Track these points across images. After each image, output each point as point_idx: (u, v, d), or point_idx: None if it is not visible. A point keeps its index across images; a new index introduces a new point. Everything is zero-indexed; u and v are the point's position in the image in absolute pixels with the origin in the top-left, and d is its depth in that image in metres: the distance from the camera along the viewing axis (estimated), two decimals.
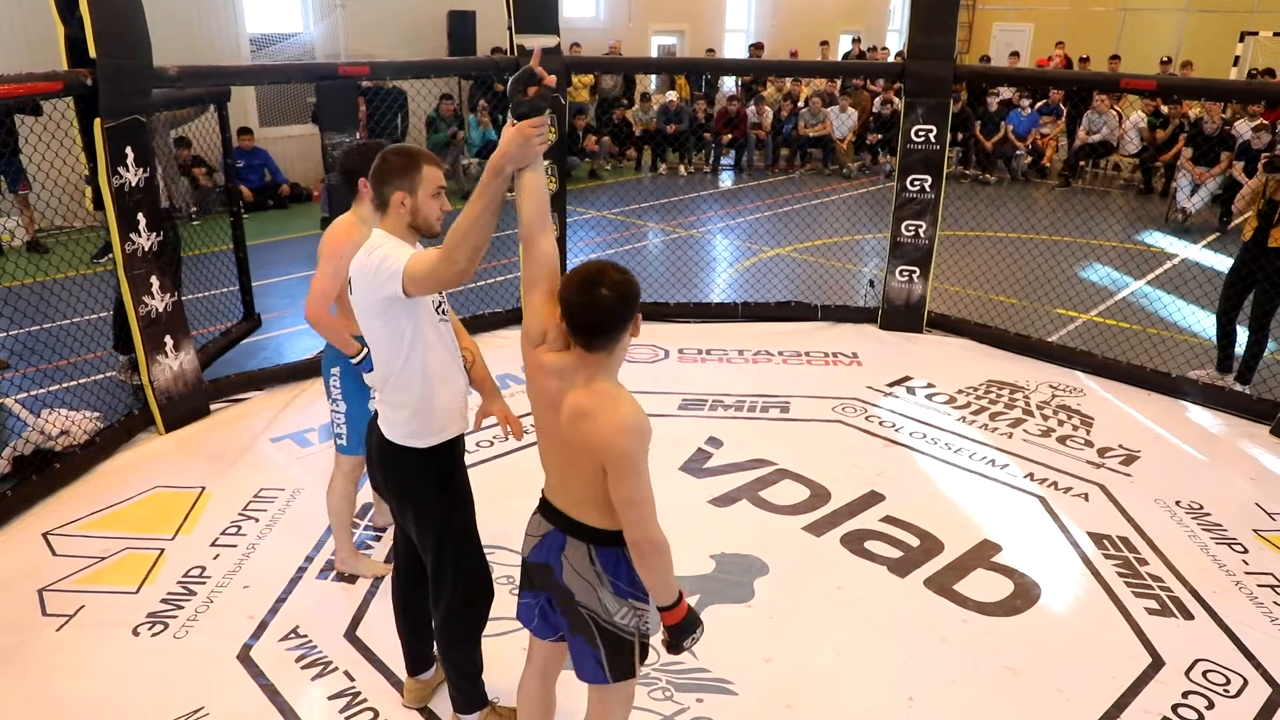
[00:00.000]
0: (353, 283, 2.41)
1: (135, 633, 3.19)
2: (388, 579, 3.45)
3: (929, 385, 5.46)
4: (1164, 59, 14.84)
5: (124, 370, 5.16)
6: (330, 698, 2.92)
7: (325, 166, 5.28)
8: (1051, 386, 5.47)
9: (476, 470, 2.94)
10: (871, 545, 3.81)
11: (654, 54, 15.41)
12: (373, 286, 2.30)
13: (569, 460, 2.05)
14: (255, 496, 4.09)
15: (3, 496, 3.84)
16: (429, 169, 2.39)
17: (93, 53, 4.09)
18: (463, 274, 2.14)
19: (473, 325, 5.84)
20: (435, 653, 2.80)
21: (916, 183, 6.08)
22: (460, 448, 2.58)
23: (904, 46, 6.29)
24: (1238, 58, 15.52)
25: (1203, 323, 6.36)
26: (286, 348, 5.96)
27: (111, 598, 3.38)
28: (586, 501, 2.06)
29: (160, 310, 4.59)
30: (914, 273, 6.22)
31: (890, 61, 14.29)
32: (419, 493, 2.49)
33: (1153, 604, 3.47)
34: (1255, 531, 3.99)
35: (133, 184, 4.37)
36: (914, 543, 3.83)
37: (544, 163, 2.28)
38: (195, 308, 5.13)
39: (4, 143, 6.93)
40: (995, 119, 12.39)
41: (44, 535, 3.75)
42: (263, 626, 3.24)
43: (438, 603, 2.58)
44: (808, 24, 17.29)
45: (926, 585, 3.56)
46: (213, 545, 3.72)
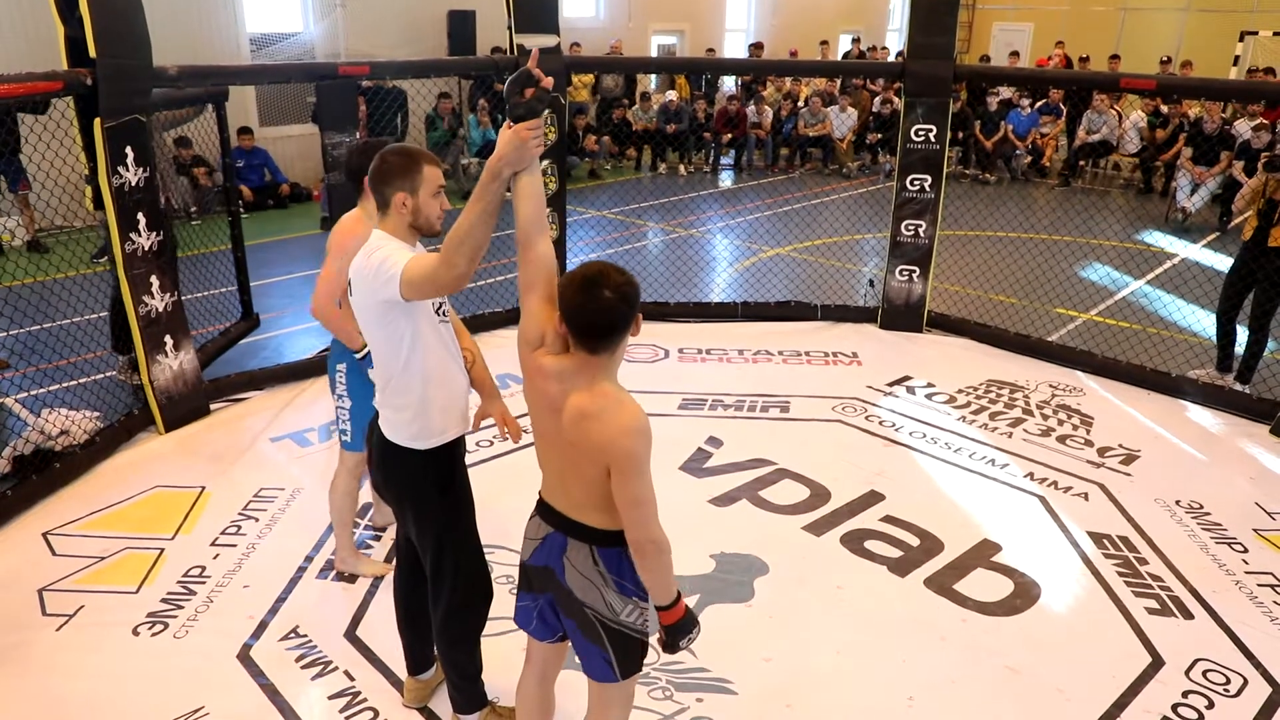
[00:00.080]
0: (352, 284, 2.40)
1: (135, 632, 3.19)
2: (388, 578, 3.45)
3: (929, 385, 5.46)
4: (1164, 58, 14.84)
5: (124, 370, 5.16)
6: (330, 697, 2.92)
7: (325, 166, 5.27)
8: (1051, 386, 5.48)
9: (476, 470, 2.94)
10: (871, 545, 3.81)
11: (654, 54, 15.39)
12: (372, 289, 2.29)
13: (570, 462, 2.05)
14: (255, 496, 4.09)
15: (3, 496, 3.84)
16: (429, 169, 2.39)
17: (93, 52, 4.09)
18: (461, 278, 2.13)
19: (472, 325, 5.84)
20: (435, 653, 2.80)
21: (916, 182, 6.08)
22: (461, 449, 2.57)
23: (904, 46, 6.29)
24: (1237, 57, 15.52)
25: (1203, 322, 6.36)
26: (286, 347, 5.95)
27: (111, 597, 3.38)
28: (587, 503, 2.06)
29: (160, 310, 4.59)
30: (914, 272, 6.22)
31: (890, 61, 14.29)
32: (419, 494, 2.49)
33: (1153, 603, 3.48)
34: (1255, 531, 3.99)
35: (133, 184, 4.38)
36: (914, 542, 3.84)
37: (544, 163, 2.28)
38: (194, 308, 5.13)
39: (4, 142, 6.92)
40: (995, 119, 12.39)
41: (44, 535, 3.76)
42: (263, 626, 3.24)
43: (437, 603, 2.57)
44: (808, 24, 17.28)
45: (926, 585, 3.56)
46: (213, 545, 3.72)
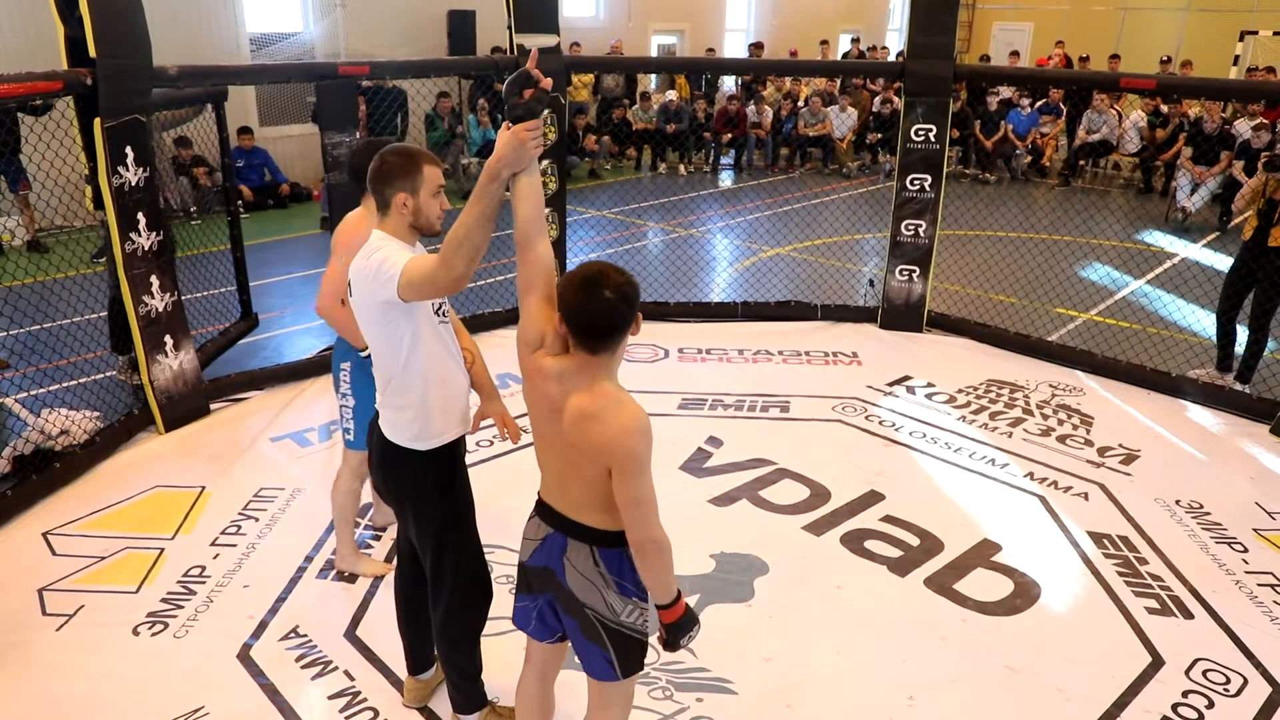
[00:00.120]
0: (352, 285, 2.40)
1: (135, 632, 3.19)
2: (389, 578, 3.45)
3: (929, 385, 5.46)
4: (1164, 58, 14.83)
5: (124, 370, 5.16)
6: (330, 697, 2.92)
7: (325, 166, 5.27)
8: (1051, 386, 5.47)
9: (476, 470, 2.94)
10: (871, 545, 3.81)
11: (654, 53, 15.39)
12: (371, 290, 2.29)
13: (570, 462, 2.04)
14: (255, 496, 4.09)
15: (3, 496, 3.84)
16: (429, 168, 2.38)
17: (93, 52, 4.09)
18: (460, 279, 2.13)
19: (472, 325, 5.84)
20: (435, 653, 2.80)
21: (916, 182, 6.08)
22: (461, 449, 2.57)
23: (904, 46, 6.29)
24: (1237, 57, 15.53)
25: (1203, 322, 6.36)
26: (286, 347, 5.95)
27: (111, 597, 3.38)
28: (587, 503, 2.05)
29: (160, 310, 4.59)
30: (914, 272, 6.22)
31: (890, 61, 14.29)
32: (420, 494, 2.49)
33: (1153, 603, 3.48)
34: (1255, 531, 3.99)
35: (133, 183, 4.38)
36: (914, 542, 3.84)
37: (544, 163, 2.28)
38: (193, 308, 5.13)
39: (4, 142, 6.92)
40: (995, 118, 12.39)
41: (44, 535, 3.75)
42: (263, 626, 3.24)
43: (437, 603, 2.57)
44: (807, 23, 17.28)
45: (926, 584, 3.56)
46: (213, 545, 3.72)
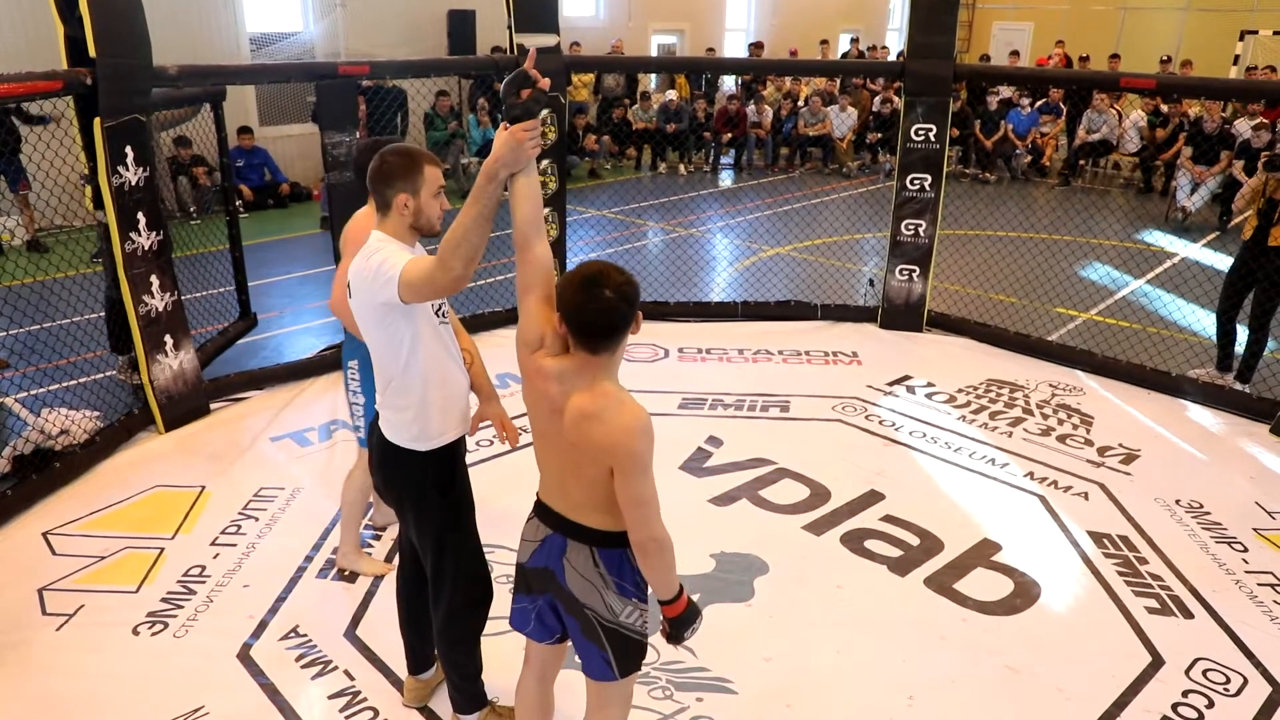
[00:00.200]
0: (351, 286, 2.40)
1: (135, 632, 3.19)
2: (389, 577, 3.45)
3: (929, 384, 5.46)
4: (1164, 58, 14.83)
5: (124, 369, 5.16)
6: (330, 697, 2.92)
7: (325, 166, 5.26)
8: (1051, 385, 5.47)
9: (476, 470, 2.94)
10: (871, 544, 3.81)
11: (654, 53, 15.39)
12: (371, 291, 2.28)
13: (571, 462, 2.04)
14: (255, 496, 4.09)
15: (3, 496, 3.84)
16: (430, 169, 2.38)
17: (92, 52, 4.09)
18: (459, 280, 2.12)
19: (472, 325, 5.83)
20: (436, 653, 2.80)
21: (916, 182, 6.08)
22: (461, 449, 2.57)
23: (904, 45, 6.29)
24: (1237, 56, 15.53)
25: (1203, 321, 6.36)
26: (286, 347, 5.95)
27: (111, 597, 3.38)
28: (587, 504, 2.05)
29: (160, 310, 4.59)
30: (914, 272, 6.21)
31: (890, 61, 14.29)
32: (420, 495, 2.49)
33: (1153, 603, 3.48)
34: (1255, 530, 3.99)
35: (133, 183, 4.38)
36: (914, 542, 3.84)
37: (544, 162, 2.28)
38: (192, 307, 5.12)
39: (4, 142, 6.92)
40: (995, 118, 12.39)
41: (44, 535, 3.75)
42: (263, 626, 3.24)
43: (438, 604, 2.57)
44: (807, 23, 17.28)
45: (926, 584, 3.56)
46: (213, 544, 3.72)
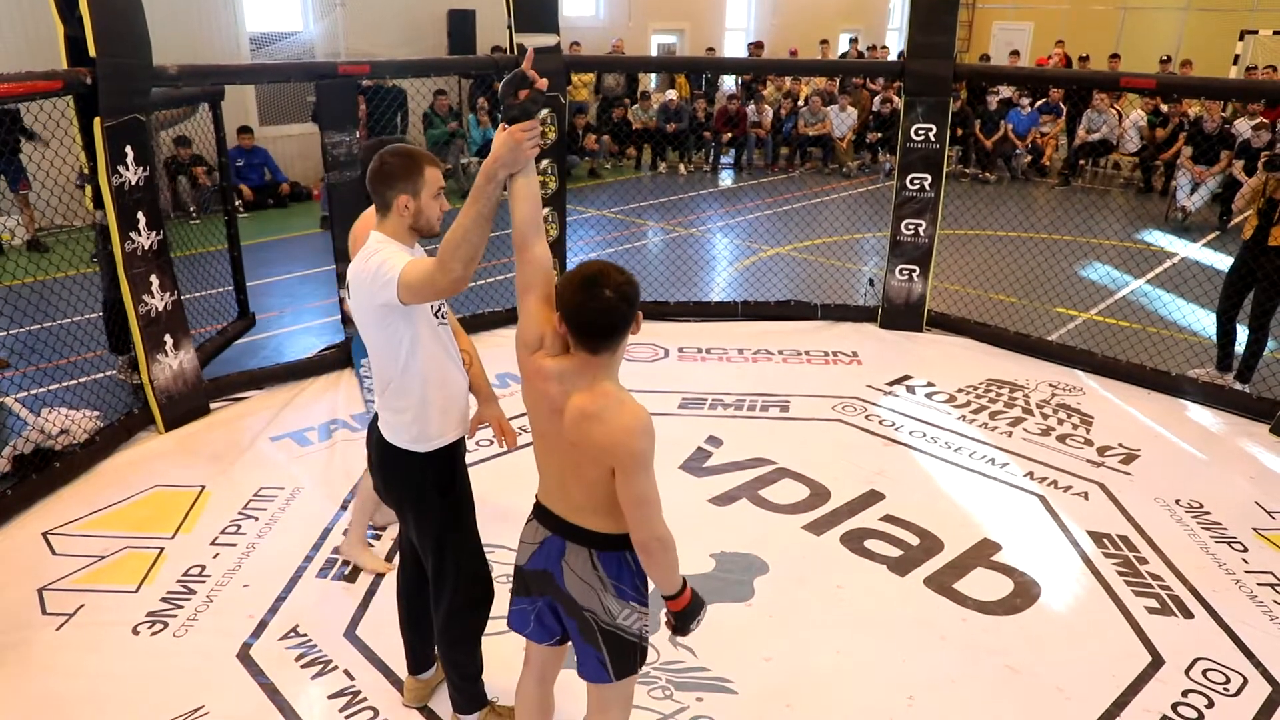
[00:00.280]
0: (350, 287, 2.39)
1: (135, 632, 3.19)
2: (390, 577, 3.45)
3: (929, 384, 5.46)
4: (1163, 58, 14.83)
5: (124, 369, 5.16)
6: (330, 696, 2.92)
7: (325, 165, 5.26)
8: (1051, 385, 5.47)
9: (475, 470, 2.94)
10: (871, 544, 3.81)
11: (654, 53, 15.39)
12: (370, 292, 2.28)
13: (571, 463, 2.03)
14: (255, 495, 4.09)
15: (3, 495, 3.84)
16: (430, 170, 2.38)
17: (92, 51, 4.09)
18: (459, 281, 2.12)
19: (471, 325, 5.83)
20: (436, 652, 2.80)
21: (916, 181, 6.08)
22: (461, 450, 2.57)
23: (904, 45, 6.29)
24: (1237, 56, 15.53)
25: (1202, 321, 6.36)
26: (286, 346, 5.95)
27: (111, 597, 3.38)
28: (587, 506, 2.05)
29: (160, 309, 4.59)
30: (914, 271, 6.21)
31: (890, 60, 14.28)
32: (420, 496, 2.49)
33: (1152, 603, 3.48)
34: (1255, 530, 3.99)
35: (133, 183, 4.38)
36: (914, 541, 3.84)
37: (544, 162, 2.28)
38: (190, 307, 5.12)
39: (4, 142, 6.92)
40: (995, 118, 12.38)
41: (44, 534, 3.75)
42: (262, 625, 3.24)
43: (439, 604, 2.57)
44: (807, 23, 17.28)
45: (926, 584, 3.56)
46: (212, 544, 3.72)
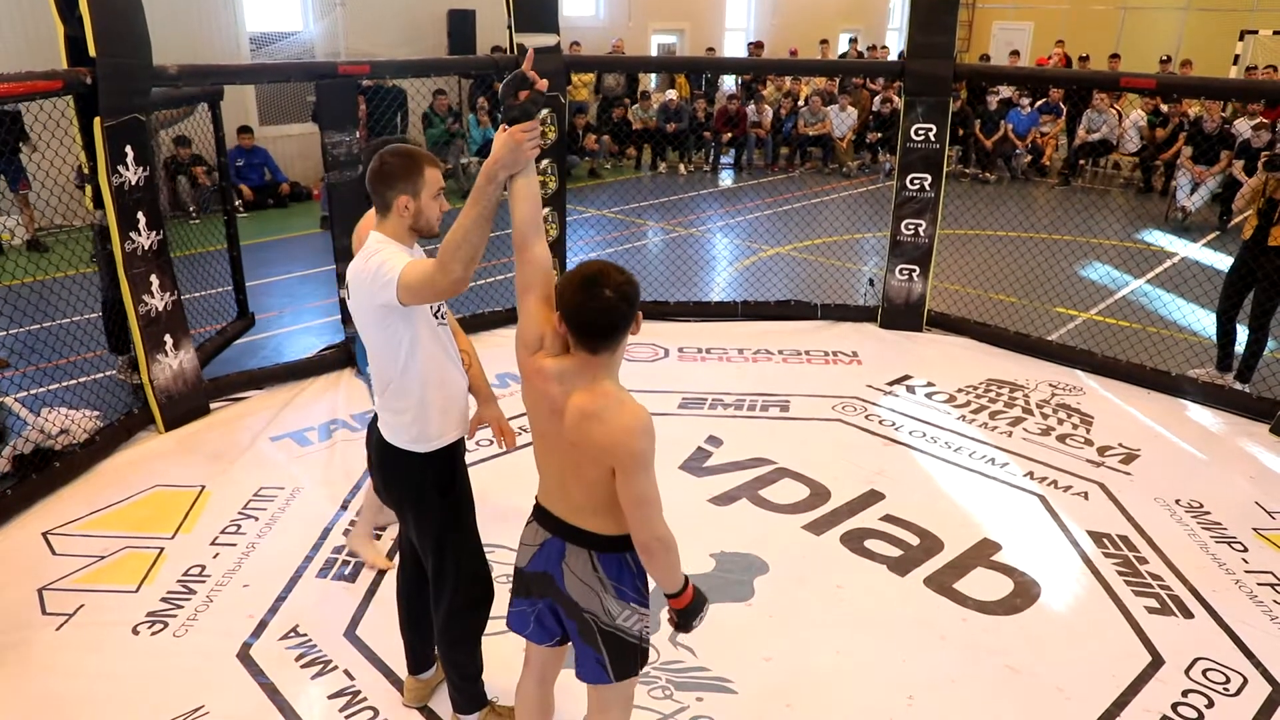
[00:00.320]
0: (350, 288, 2.39)
1: (135, 632, 3.19)
2: (390, 576, 3.45)
3: (929, 384, 5.46)
4: (1163, 58, 14.83)
5: (124, 369, 5.16)
6: (330, 696, 2.92)
7: (325, 165, 5.26)
8: (1051, 385, 5.47)
9: (475, 470, 2.94)
10: (871, 544, 3.81)
11: (654, 53, 15.39)
12: (369, 293, 2.28)
13: (572, 463, 2.03)
14: (255, 495, 4.09)
15: (2, 495, 3.84)
16: (430, 170, 2.37)
17: (92, 51, 4.09)
18: (459, 283, 2.12)
19: (471, 325, 5.84)
20: (436, 652, 2.80)
21: (916, 181, 6.08)
22: (461, 450, 2.57)
23: (904, 45, 6.29)
24: (1237, 56, 15.53)
25: (1202, 321, 6.36)
26: (286, 346, 5.95)
27: (111, 597, 3.38)
28: (587, 507, 2.04)
29: (160, 309, 4.59)
30: (914, 271, 6.21)
31: (890, 60, 14.28)
32: (420, 496, 2.49)
33: (1152, 602, 3.48)
34: (1255, 530, 3.99)
35: (133, 182, 4.38)
36: (914, 541, 3.83)
37: (544, 162, 2.28)
38: (190, 307, 5.12)
39: (4, 142, 6.92)
40: (995, 118, 12.38)
41: (44, 534, 3.75)
42: (262, 625, 3.24)
43: (439, 604, 2.57)
44: (807, 23, 17.28)
45: (926, 584, 3.56)
46: (212, 544, 3.72)
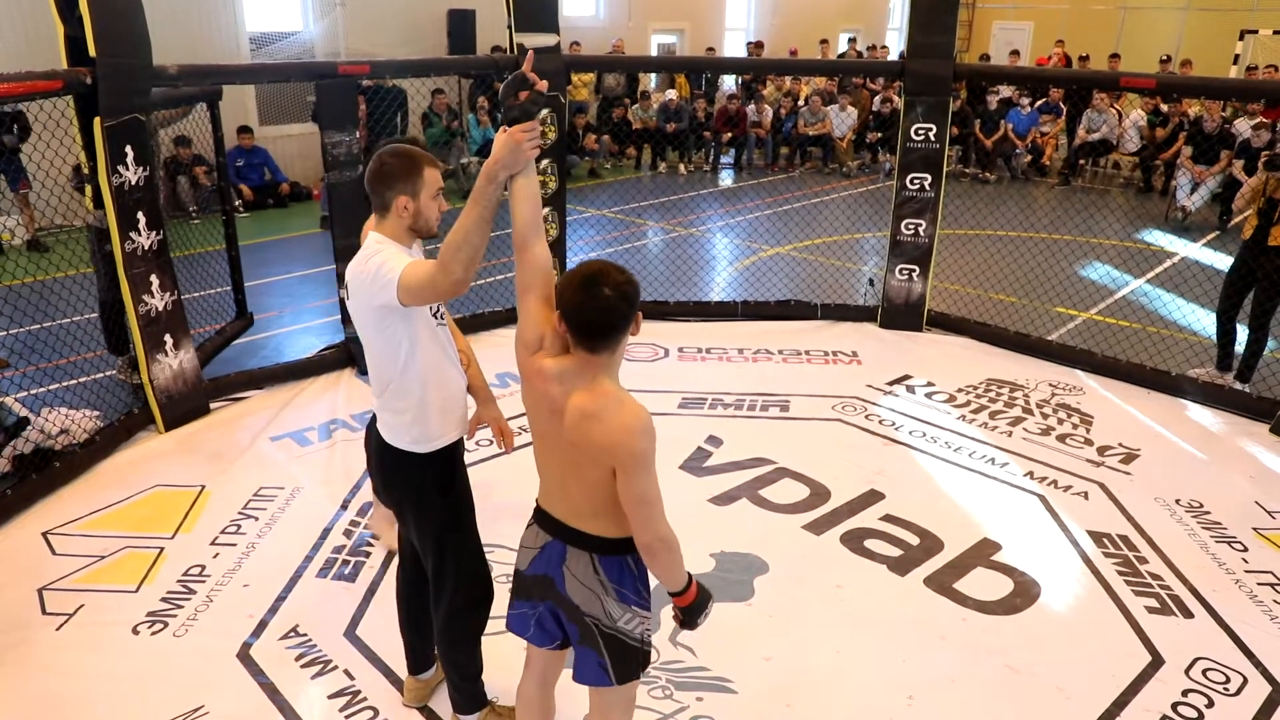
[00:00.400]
0: (349, 289, 2.39)
1: (135, 631, 3.19)
2: (389, 577, 3.46)
3: (929, 384, 5.46)
4: (1163, 57, 14.83)
5: (124, 369, 5.16)
6: (330, 696, 2.92)
7: (325, 165, 5.26)
8: (1051, 385, 5.47)
9: (475, 469, 2.95)
10: (871, 544, 3.81)
11: (654, 53, 15.39)
12: (369, 293, 2.28)
13: (572, 464, 2.02)
14: (255, 495, 4.09)
15: (2, 495, 3.84)
16: (429, 170, 2.37)
17: (92, 51, 4.09)
18: (459, 284, 2.12)
19: (471, 325, 5.84)
20: (436, 652, 2.80)
21: (916, 181, 6.08)
22: (460, 450, 2.57)
23: (904, 45, 6.29)
24: (1237, 56, 15.53)
25: (1202, 321, 6.36)
26: (286, 346, 5.96)
27: (111, 596, 3.38)
28: (588, 509, 2.04)
29: (160, 309, 4.59)
30: (914, 271, 6.21)
31: (890, 60, 14.28)
32: (420, 496, 2.49)
33: (1152, 602, 3.48)
34: (1255, 530, 3.99)
35: (133, 182, 4.38)
36: (914, 541, 3.83)
37: (544, 162, 2.28)
38: (189, 307, 5.13)
39: (3, 142, 6.93)
40: (995, 117, 12.38)
41: (44, 534, 3.75)
42: (262, 625, 3.24)
43: (439, 604, 2.57)
44: (807, 23, 17.28)
45: (926, 584, 3.56)
46: (212, 544, 3.72)
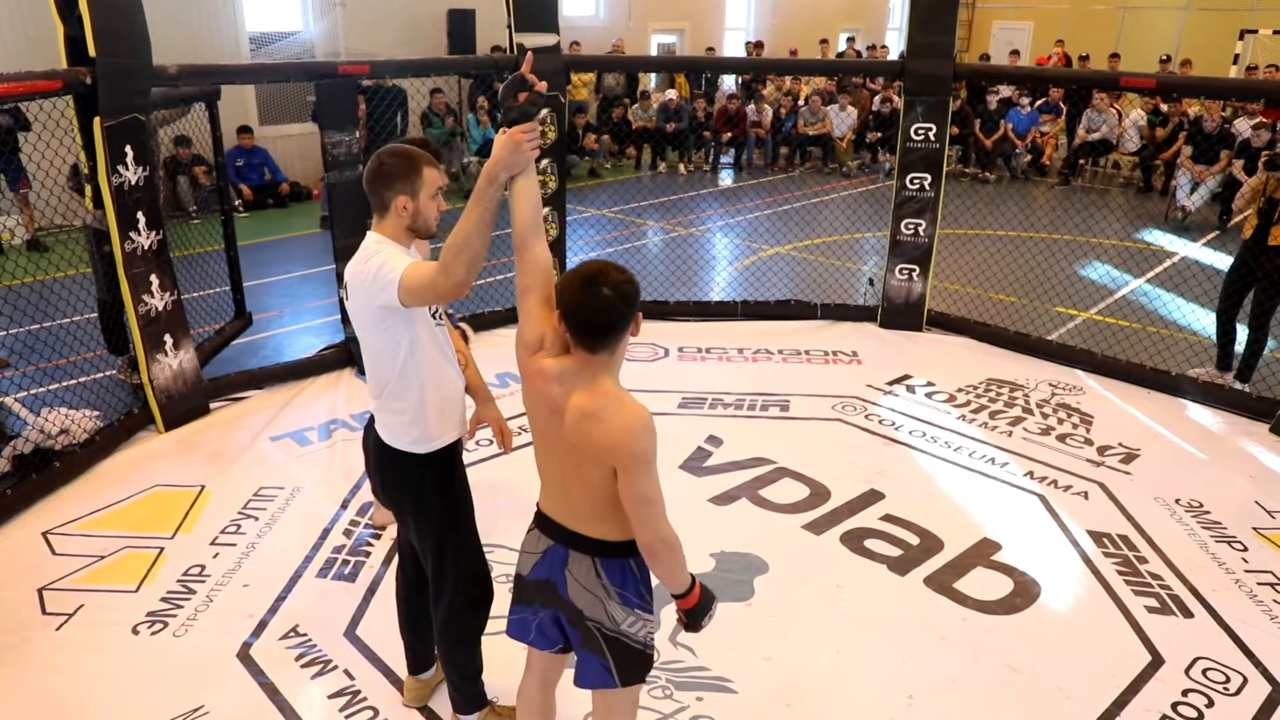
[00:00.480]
0: (349, 289, 2.39)
1: (135, 631, 3.20)
2: (390, 577, 3.46)
3: (929, 383, 5.46)
4: (1163, 57, 14.83)
5: (123, 369, 5.16)
6: (330, 696, 2.92)
7: (325, 165, 5.27)
8: (1051, 385, 5.47)
9: (474, 469, 2.95)
10: (871, 544, 3.81)
11: (654, 52, 15.40)
12: (369, 294, 2.28)
13: (573, 465, 2.01)
14: (255, 495, 4.09)
15: (3, 495, 3.84)
16: (429, 170, 2.37)
17: (92, 51, 4.09)
18: (461, 285, 2.11)
19: (471, 325, 5.82)
20: (436, 653, 2.80)
21: (916, 181, 6.08)
22: (459, 450, 2.57)
23: (904, 45, 6.30)
24: (1237, 56, 15.53)
25: (1202, 321, 6.36)
26: (286, 346, 5.96)
27: (111, 596, 3.38)
28: (589, 512, 2.03)
29: (160, 309, 4.59)
30: (914, 271, 6.21)
31: (890, 60, 14.28)
32: (419, 497, 2.49)
33: (1152, 602, 3.48)
34: (1255, 529, 3.99)
35: (132, 182, 4.38)
36: (914, 541, 3.84)
37: (544, 162, 2.28)
38: (188, 307, 5.13)
39: (4, 142, 6.92)
40: (995, 117, 12.38)
41: (44, 534, 3.75)
42: (262, 625, 3.24)
43: (438, 604, 2.57)
44: (807, 22, 17.28)
45: (926, 584, 3.56)
46: (212, 544, 3.72)
